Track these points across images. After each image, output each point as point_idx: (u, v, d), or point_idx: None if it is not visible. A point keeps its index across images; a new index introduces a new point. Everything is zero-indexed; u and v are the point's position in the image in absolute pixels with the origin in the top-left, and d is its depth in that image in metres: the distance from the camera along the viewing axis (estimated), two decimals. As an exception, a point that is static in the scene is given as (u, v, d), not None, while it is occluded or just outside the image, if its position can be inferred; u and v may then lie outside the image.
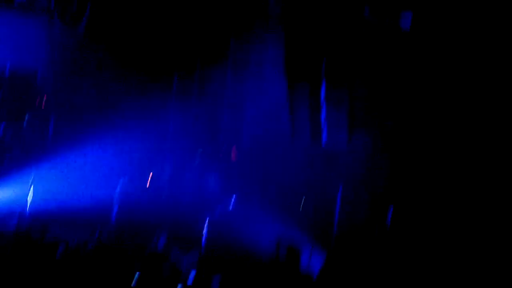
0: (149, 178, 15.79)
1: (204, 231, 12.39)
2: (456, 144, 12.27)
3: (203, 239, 12.40)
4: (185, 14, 16.90)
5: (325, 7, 13.08)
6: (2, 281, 10.47)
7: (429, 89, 12.53)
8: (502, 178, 11.47)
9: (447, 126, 12.37)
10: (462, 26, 11.83)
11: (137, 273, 10.77)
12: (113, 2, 17.45)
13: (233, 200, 14.80)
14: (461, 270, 11.13)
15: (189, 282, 10.75)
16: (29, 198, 14.12)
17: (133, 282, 10.88)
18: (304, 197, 14.77)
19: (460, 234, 11.71)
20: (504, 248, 10.82)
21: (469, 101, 11.93)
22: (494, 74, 11.73)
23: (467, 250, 11.36)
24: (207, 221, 12.44)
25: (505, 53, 11.36)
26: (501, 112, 11.63)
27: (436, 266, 11.36)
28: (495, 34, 11.44)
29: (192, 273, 10.81)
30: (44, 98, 17.47)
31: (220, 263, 12.48)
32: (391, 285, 11.19)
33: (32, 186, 14.12)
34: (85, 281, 10.88)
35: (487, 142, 11.98)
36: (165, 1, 17.04)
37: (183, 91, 17.22)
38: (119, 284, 10.91)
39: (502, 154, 11.60)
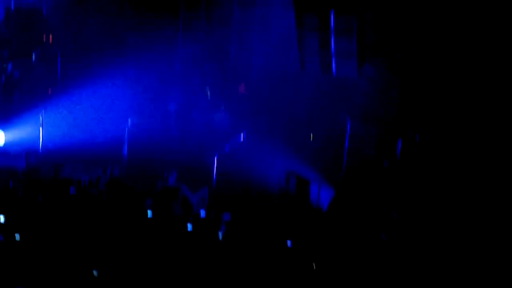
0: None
1: (214, 167, 12.45)
2: (466, 76, 12.15)
3: (213, 176, 12.48)
4: None
5: None
6: (17, 218, 10.68)
7: (440, 20, 12.33)
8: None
9: (458, 58, 12.23)
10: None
11: (149, 211, 10.94)
12: None
13: (242, 135, 14.82)
14: (465, 200, 11.22)
15: (200, 219, 10.89)
16: (40, 137, 14.19)
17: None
18: (313, 131, 14.79)
19: (465, 164, 11.76)
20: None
21: (478, 31, 11.76)
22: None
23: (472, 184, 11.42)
24: (216, 157, 12.48)
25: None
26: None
27: (445, 198, 11.45)
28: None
29: (202, 212, 10.93)
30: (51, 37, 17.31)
31: (230, 199, 12.61)
32: (398, 216, 11.30)
33: (42, 124, 14.16)
34: (98, 216, 11.05)
35: (496, 76, 11.87)
36: None
37: (190, 23, 17.00)
38: (131, 220, 11.09)
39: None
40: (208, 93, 16.30)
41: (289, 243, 9.97)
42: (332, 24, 12.69)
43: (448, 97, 12.34)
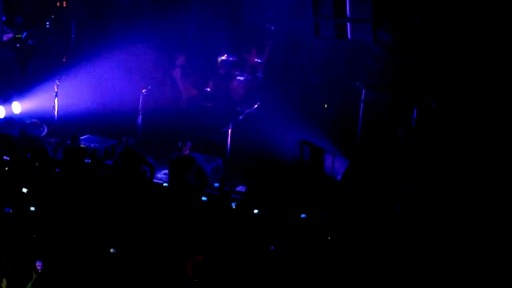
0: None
1: (228, 137, 12.44)
2: (485, 42, 11.92)
3: (227, 146, 12.47)
4: None
5: None
6: (35, 189, 10.78)
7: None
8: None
9: (476, 24, 11.98)
10: None
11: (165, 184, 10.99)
12: None
13: (256, 104, 14.75)
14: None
15: (214, 191, 10.94)
16: (55, 106, 14.22)
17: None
18: (327, 99, 14.69)
19: (482, 133, 11.64)
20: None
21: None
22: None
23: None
24: (230, 127, 12.47)
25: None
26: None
27: (460, 168, 11.34)
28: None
29: (216, 184, 10.96)
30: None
31: (244, 169, 12.64)
32: (413, 188, 11.25)
33: (57, 93, 14.18)
34: (113, 187, 11.15)
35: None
36: None
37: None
38: (146, 190, 11.18)
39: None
40: (223, 60, 16.16)
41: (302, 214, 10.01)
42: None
43: (466, 64, 12.13)
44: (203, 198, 10.63)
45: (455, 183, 10.78)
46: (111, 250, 8.83)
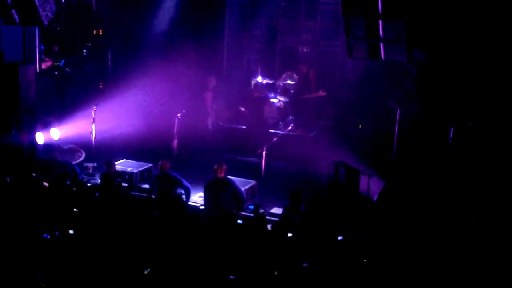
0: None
1: (263, 158, 12.41)
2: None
3: (262, 167, 12.45)
4: None
5: None
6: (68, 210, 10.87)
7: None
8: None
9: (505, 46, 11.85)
10: None
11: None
12: None
13: (291, 124, 14.72)
14: None
15: (248, 212, 10.92)
16: (93, 132, 14.42)
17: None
18: (362, 118, 14.63)
19: None
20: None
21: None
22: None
23: None
24: (265, 149, 12.44)
25: None
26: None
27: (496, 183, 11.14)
28: None
29: (251, 207, 10.93)
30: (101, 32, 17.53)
31: (279, 190, 12.61)
32: (453, 203, 11.05)
33: (95, 119, 14.39)
34: (150, 211, 11.20)
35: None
36: None
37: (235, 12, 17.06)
38: (181, 214, 11.19)
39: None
40: (257, 83, 16.24)
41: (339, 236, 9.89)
42: (379, 8, 12.41)
43: (502, 83, 11.96)
44: (239, 221, 10.60)
45: (496, 203, 10.57)
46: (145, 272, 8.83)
